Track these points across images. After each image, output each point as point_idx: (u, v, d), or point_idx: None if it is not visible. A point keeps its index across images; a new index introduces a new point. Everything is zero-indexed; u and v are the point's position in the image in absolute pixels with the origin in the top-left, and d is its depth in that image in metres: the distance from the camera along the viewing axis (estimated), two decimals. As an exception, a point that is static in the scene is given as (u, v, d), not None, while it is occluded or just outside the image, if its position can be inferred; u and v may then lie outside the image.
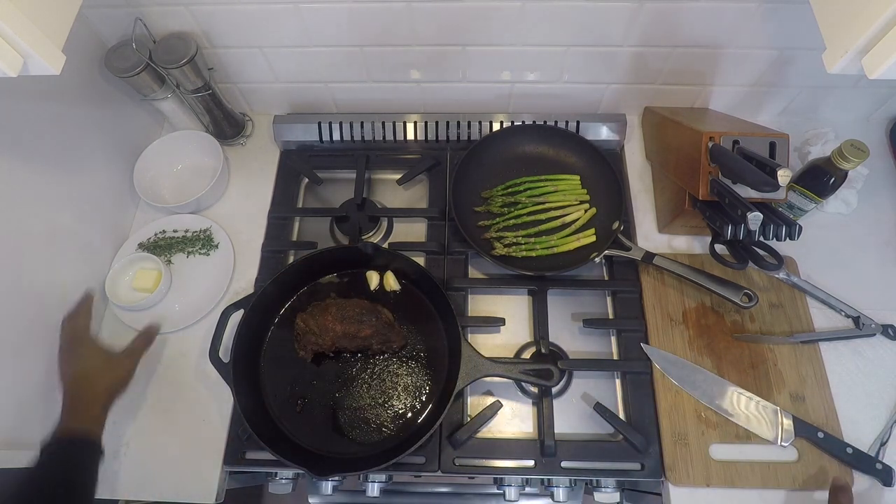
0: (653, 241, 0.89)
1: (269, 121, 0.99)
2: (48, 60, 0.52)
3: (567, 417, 0.77)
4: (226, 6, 0.79)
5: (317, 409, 0.77)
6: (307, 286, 0.86)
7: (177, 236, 0.91)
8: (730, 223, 0.70)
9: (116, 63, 0.82)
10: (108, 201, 0.88)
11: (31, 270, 0.73)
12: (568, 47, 0.84)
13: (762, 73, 0.88)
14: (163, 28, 0.84)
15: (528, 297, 0.87)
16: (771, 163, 0.68)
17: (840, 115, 0.97)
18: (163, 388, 0.80)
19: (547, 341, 0.81)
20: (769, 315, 0.81)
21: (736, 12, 0.76)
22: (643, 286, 0.84)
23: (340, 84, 0.95)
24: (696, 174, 0.74)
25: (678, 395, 0.76)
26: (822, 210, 0.89)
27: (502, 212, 0.89)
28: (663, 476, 0.72)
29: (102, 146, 0.87)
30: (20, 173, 0.71)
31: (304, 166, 0.97)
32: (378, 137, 0.98)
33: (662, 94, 0.94)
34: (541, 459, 0.74)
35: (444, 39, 0.84)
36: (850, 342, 0.79)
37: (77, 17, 0.58)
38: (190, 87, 0.87)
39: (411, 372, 0.79)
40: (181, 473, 0.74)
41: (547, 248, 0.85)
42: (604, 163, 0.90)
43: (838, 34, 0.50)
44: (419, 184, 0.98)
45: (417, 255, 0.88)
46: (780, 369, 0.77)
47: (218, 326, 0.76)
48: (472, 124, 0.96)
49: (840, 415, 0.74)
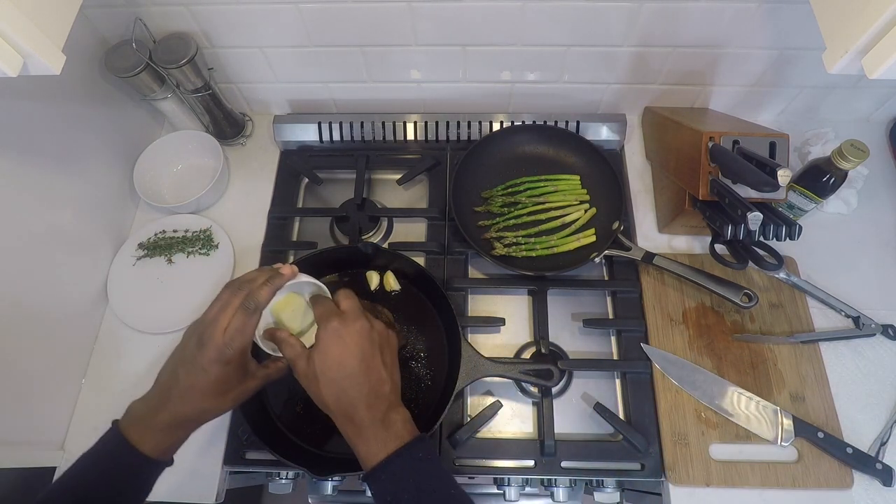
0: (653, 241, 0.89)
1: (269, 121, 0.99)
2: (48, 60, 0.52)
3: (567, 417, 0.77)
4: (226, 6, 0.79)
5: (317, 409, 0.76)
6: (307, 286, 0.86)
7: (177, 236, 0.91)
8: (730, 223, 0.70)
9: (116, 63, 0.82)
10: (108, 201, 0.88)
11: (31, 270, 0.73)
12: (568, 47, 0.84)
13: (762, 73, 0.88)
14: (163, 28, 0.84)
15: (528, 297, 0.87)
16: (771, 163, 0.68)
17: (840, 115, 0.97)
18: (163, 388, 0.80)
19: (547, 341, 0.81)
20: (769, 315, 0.81)
21: (736, 12, 0.76)
22: (643, 286, 0.84)
23: (340, 84, 0.95)
24: (696, 174, 0.74)
25: (678, 395, 0.76)
26: (822, 210, 0.89)
27: (502, 212, 0.89)
28: (663, 476, 0.72)
29: (102, 146, 0.87)
30: (20, 173, 0.71)
31: (304, 166, 0.97)
32: (378, 137, 0.98)
33: (662, 94, 0.94)
34: (541, 459, 0.74)
35: (444, 39, 0.84)
36: (850, 342, 0.79)
37: (77, 17, 0.58)
38: (190, 87, 0.87)
39: (411, 372, 0.79)
40: (181, 473, 0.74)
41: (547, 248, 0.85)
42: (604, 163, 0.90)
43: (838, 34, 0.50)
44: (419, 184, 0.98)
45: (417, 255, 0.88)
46: (780, 369, 0.77)
47: (218, 326, 0.76)
48: (472, 124, 0.96)
49: (840, 415, 0.74)
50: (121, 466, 0.52)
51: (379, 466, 0.50)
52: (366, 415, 0.53)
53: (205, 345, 0.52)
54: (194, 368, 0.53)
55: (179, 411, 0.53)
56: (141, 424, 0.53)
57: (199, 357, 0.52)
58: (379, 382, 0.55)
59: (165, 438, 0.53)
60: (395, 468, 0.50)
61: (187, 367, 0.53)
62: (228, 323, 0.53)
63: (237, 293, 0.55)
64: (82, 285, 0.82)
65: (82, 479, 0.52)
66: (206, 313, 0.55)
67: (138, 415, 0.54)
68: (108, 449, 0.52)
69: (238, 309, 0.54)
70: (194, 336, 0.54)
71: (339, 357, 0.54)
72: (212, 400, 0.54)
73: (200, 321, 0.55)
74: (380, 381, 0.55)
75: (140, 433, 0.52)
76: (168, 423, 0.53)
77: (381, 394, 0.54)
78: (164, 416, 0.53)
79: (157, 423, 0.53)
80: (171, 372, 0.54)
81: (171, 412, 0.53)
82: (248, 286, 0.55)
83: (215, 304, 0.56)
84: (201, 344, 0.52)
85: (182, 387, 0.53)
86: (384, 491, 0.50)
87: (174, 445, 0.55)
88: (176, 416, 0.53)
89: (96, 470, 0.52)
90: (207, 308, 0.56)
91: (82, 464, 0.52)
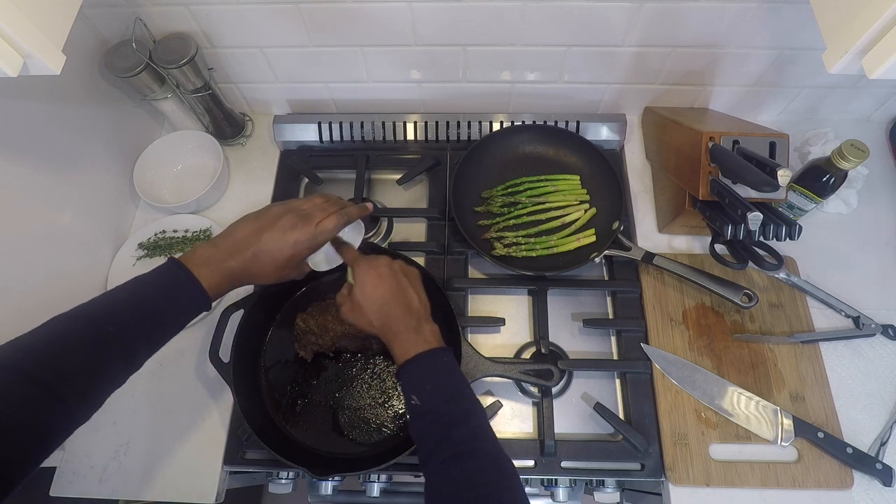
0: (653, 241, 0.89)
1: (269, 121, 0.99)
2: (48, 60, 0.52)
3: (567, 417, 0.78)
4: (226, 6, 0.79)
5: (317, 409, 0.77)
6: (307, 286, 0.86)
7: (177, 236, 0.91)
8: (730, 223, 0.70)
9: (116, 63, 0.82)
10: (108, 201, 0.88)
11: (31, 270, 0.73)
12: (568, 47, 0.84)
13: (762, 73, 0.88)
14: (163, 28, 0.84)
15: (528, 297, 0.87)
16: (771, 163, 0.68)
17: (840, 115, 0.97)
18: (163, 388, 0.80)
19: (547, 341, 0.81)
20: (769, 315, 0.81)
21: (736, 12, 0.76)
22: (643, 286, 0.84)
23: (340, 84, 0.95)
24: (696, 174, 0.74)
25: (678, 395, 0.76)
26: (822, 210, 0.89)
27: (502, 212, 0.89)
28: (663, 476, 0.72)
29: (102, 146, 0.87)
30: (20, 173, 0.71)
31: (304, 166, 0.97)
32: (378, 137, 0.98)
33: (662, 94, 0.94)
34: (541, 459, 0.74)
35: (444, 39, 0.84)
36: (850, 342, 0.79)
37: (77, 17, 0.58)
38: (190, 87, 0.87)
39: (411, 372, 0.79)
40: (181, 473, 0.74)
41: (547, 248, 0.85)
42: (604, 163, 0.90)
43: (838, 34, 0.50)
44: (419, 184, 0.98)
45: (417, 255, 0.88)
46: (780, 369, 0.77)
47: (218, 326, 0.76)
48: (472, 124, 0.96)
49: (840, 415, 0.74)
50: (178, 291, 0.57)
51: (410, 360, 0.59)
52: (401, 324, 0.62)
53: (300, 227, 0.62)
54: (281, 239, 0.61)
55: (247, 266, 0.60)
56: (208, 265, 0.59)
57: (291, 233, 0.61)
58: (409, 300, 0.64)
59: (223, 282, 0.60)
60: (423, 363, 0.60)
61: (275, 235, 0.61)
62: (322, 220, 0.63)
63: (331, 202, 0.66)
64: (82, 285, 0.82)
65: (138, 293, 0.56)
66: (300, 204, 0.65)
67: (205, 256, 0.59)
68: (170, 277, 0.57)
69: (334, 213, 0.64)
70: (290, 215, 0.63)
71: (374, 284, 0.64)
72: (273, 268, 0.62)
73: (295, 207, 0.64)
74: (409, 298, 0.64)
75: (205, 271, 0.58)
76: (233, 271, 0.60)
77: (412, 308, 0.64)
78: (234, 263, 0.60)
79: (225, 268, 0.59)
80: (255, 232, 0.61)
81: (242, 263, 0.60)
82: (340, 202, 0.68)
83: (308, 202, 0.66)
84: (296, 225, 0.62)
85: (262, 248, 0.61)
86: (412, 381, 0.59)
87: (222, 293, 0.61)
88: (243, 268, 0.60)
89: (155, 289, 0.57)
90: (295, 200, 0.67)
91: (139, 282, 0.57)
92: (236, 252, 0.60)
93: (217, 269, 0.59)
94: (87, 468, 0.74)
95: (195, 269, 0.58)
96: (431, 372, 0.60)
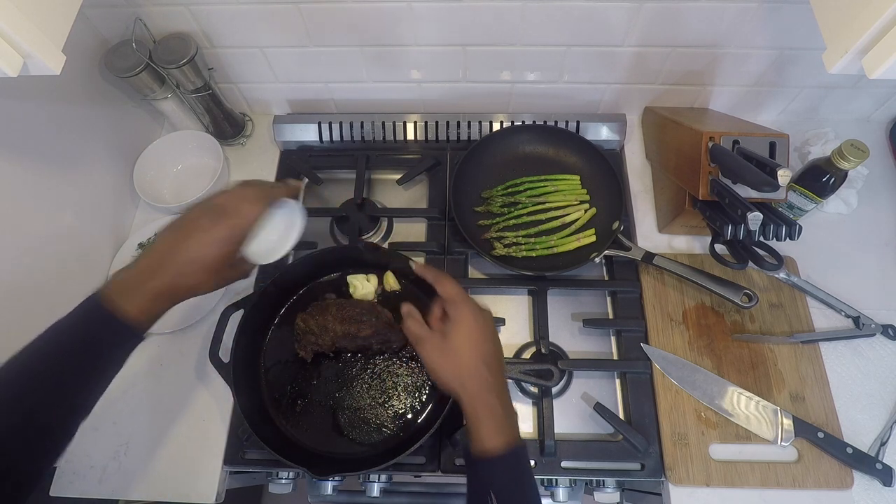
0: (653, 241, 0.89)
1: (269, 121, 0.99)
2: (48, 60, 0.52)
3: (567, 417, 0.77)
4: (226, 6, 0.79)
5: (317, 409, 0.77)
6: (307, 286, 0.86)
7: (177, 236, 0.91)
8: (730, 223, 0.70)
9: (116, 63, 0.82)
10: (108, 201, 0.88)
11: (31, 270, 0.73)
12: (568, 47, 0.84)
13: (762, 73, 0.88)
14: (163, 28, 0.84)
15: (528, 297, 0.87)
16: (771, 163, 0.68)
17: (840, 115, 0.97)
18: (163, 388, 0.80)
19: (547, 341, 0.81)
20: (769, 315, 0.81)
21: (736, 12, 0.76)
22: (643, 286, 0.84)
23: (340, 84, 0.95)
24: (696, 174, 0.74)
25: (678, 395, 0.76)
26: (822, 210, 0.89)
27: (502, 212, 0.89)
28: (663, 476, 0.72)
29: (102, 146, 0.87)
30: (20, 173, 0.71)
31: (304, 166, 0.97)
32: (378, 137, 0.98)
33: (662, 94, 0.94)
34: (541, 459, 0.74)
35: (444, 39, 0.84)
36: (850, 342, 0.79)
37: (77, 17, 0.58)
38: (190, 87, 0.87)
39: (411, 372, 0.79)
40: (181, 473, 0.74)
41: (547, 248, 0.85)
42: (604, 163, 0.90)
43: (838, 34, 0.50)
44: (419, 184, 0.98)
45: (417, 256, 0.88)
46: (780, 369, 0.77)
47: (218, 326, 0.76)
48: (472, 124, 0.96)
49: (840, 415, 0.74)
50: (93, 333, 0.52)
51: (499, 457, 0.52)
52: (495, 396, 0.54)
53: (220, 223, 0.55)
54: (203, 241, 0.55)
55: (175, 280, 0.54)
56: (129, 291, 0.52)
57: (210, 232, 0.55)
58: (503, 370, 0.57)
59: (152, 306, 0.53)
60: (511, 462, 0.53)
61: (197, 239, 0.55)
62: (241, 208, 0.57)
63: (251, 187, 0.60)
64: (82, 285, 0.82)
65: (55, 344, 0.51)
66: (216, 198, 0.58)
67: (125, 282, 0.53)
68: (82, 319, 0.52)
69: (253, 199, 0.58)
70: (208, 213, 0.56)
71: (479, 337, 0.56)
72: (206, 274, 0.56)
73: (211, 204, 0.58)
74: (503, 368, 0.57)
75: (127, 299, 0.52)
76: (160, 291, 0.54)
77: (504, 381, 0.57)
78: (158, 283, 0.53)
79: (149, 290, 0.53)
80: (175, 243, 0.55)
81: (167, 280, 0.54)
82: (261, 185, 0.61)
83: (224, 194, 0.59)
84: (216, 222, 0.55)
85: (187, 257, 0.54)
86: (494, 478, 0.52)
87: (155, 316, 0.55)
88: (170, 285, 0.54)
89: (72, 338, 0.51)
90: (214, 194, 0.59)
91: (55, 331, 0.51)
92: (158, 269, 0.54)
93: (140, 293, 0.52)
94: (86, 468, 0.74)
95: (115, 299, 0.51)
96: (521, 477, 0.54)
